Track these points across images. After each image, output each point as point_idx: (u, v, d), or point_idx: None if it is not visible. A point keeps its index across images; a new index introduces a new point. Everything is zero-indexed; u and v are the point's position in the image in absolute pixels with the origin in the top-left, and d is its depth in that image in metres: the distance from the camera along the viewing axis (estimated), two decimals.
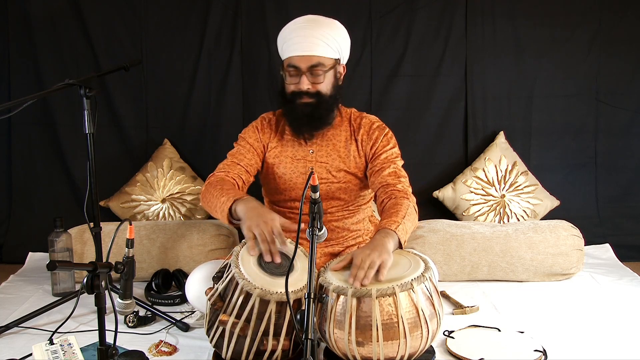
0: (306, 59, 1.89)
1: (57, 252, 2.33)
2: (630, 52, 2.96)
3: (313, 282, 1.39)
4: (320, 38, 1.89)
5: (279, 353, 1.60)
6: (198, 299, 1.87)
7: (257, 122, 2.09)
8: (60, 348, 1.68)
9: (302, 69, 1.89)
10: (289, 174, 2.02)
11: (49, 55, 2.92)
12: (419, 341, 1.55)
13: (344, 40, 1.97)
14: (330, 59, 1.92)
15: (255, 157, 2.02)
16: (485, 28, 2.94)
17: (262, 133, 2.06)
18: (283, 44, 1.95)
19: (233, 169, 1.97)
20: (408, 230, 1.75)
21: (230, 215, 1.75)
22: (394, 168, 1.94)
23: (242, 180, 1.97)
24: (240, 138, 2.06)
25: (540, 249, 2.45)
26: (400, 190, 1.86)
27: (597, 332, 1.95)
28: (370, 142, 2.01)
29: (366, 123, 2.04)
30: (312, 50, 1.88)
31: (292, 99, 1.93)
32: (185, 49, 2.94)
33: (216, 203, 1.79)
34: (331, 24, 1.95)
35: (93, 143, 1.97)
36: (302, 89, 1.90)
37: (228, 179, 1.93)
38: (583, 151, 3.02)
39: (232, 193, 1.78)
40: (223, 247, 2.52)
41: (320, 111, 1.93)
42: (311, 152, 2.02)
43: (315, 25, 1.92)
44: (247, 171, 1.99)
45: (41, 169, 3.00)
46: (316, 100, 1.92)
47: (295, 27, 1.93)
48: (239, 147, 2.04)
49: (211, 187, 1.86)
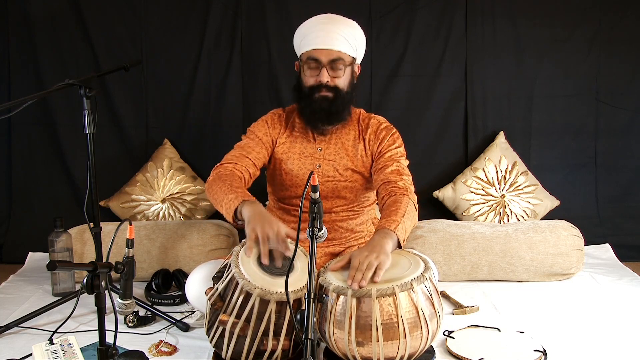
0: (327, 52, 1.91)
1: (57, 252, 2.33)
2: (630, 52, 2.96)
3: (313, 282, 1.39)
4: (341, 34, 1.91)
5: (279, 353, 1.60)
6: (198, 299, 1.87)
7: (267, 117, 2.10)
8: (60, 348, 1.68)
9: (323, 61, 1.91)
10: (296, 170, 2.02)
11: (49, 55, 2.92)
12: (419, 341, 1.55)
13: (362, 40, 2.00)
14: (349, 56, 1.94)
15: (263, 151, 2.03)
16: (485, 28, 2.94)
17: (272, 128, 2.06)
18: (303, 38, 1.96)
19: (241, 161, 1.96)
20: (408, 229, 1.75)
21: (235, 214, 1.74)
22: (397, 166, 1.95)
23: (249, 173, 1.96)
24: (249, 132, 2.07)
25: (540, 249, 2.45)
26: (400, 188, 1.86)
27: (597, 332, 1.95)
28: (377, 142, 2.02)
29: (374, 123, 2.06)
30: (333, 44, 1.90)
31: (310, 92, 1.94)
32: (185, 49, 2.94)
33: (223, 198, 1.77)
34: (351, 24, 1.99)
35: (93, 143, 1.97)
36: (323, 82, 1.91)
37: (236, 172, 1.92)
38: (583, 151, 3.02)
39: (240, 192, 1.77)
40: (223, 247, 2.52)
41: (337, 106, 1.95)
42: (319, 150, 2.03)
43: (336, 22, 1.95)
44: (254, 164, 1.99)
45: (41, 169, 3.00)
46: (334, 94, 1.93)
47: (316, 22, 1.96)
48: (248, 140, 2.04)
49: (220, 181, 1.85)
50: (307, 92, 1.96)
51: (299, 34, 1.99)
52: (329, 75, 1.92)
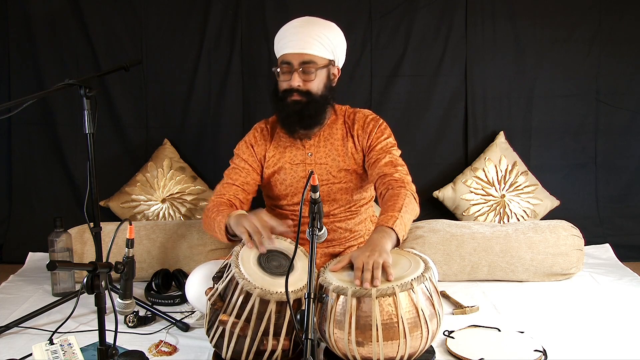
0: (298, 55, 1.89)
1: (57, 252, 2.33)
2: (630, 52, 2.96)
3: (313, 282, 1.39)
4: (314, 37, 1.89)
5: (279, 353, 1.60)
6: (198, 299, 1.88)
7: (250, 137, 2.08)
8: (60, 348, 1.68)
9: (294, 65, 1.89)
10: (290, 180, 2.02)
11: (49, 55, 2.92)
12: (419, 341, 1.55)
13: (339, 42, 1.97)
14: (323, 59, 1.92)
15: (251, 174, 2.04)
16: (485, 28, 2.94)
17: (257, 146, 2.06)
18: (278, 42, 1.96)
19: (229, 191, 2.00)
20: (407, 223, 1.73)
21: (227, 232, 1.81)
22: (390, 158, 1.94)
23: (239, 199, 2.00)
24: (235, 155, 2.07)
25: (540, 249, 2.45)
26: (397, 180, 1.85)
27: (597, 332, 1.95)
28: (365, 135, 2.01)
29: (360, 117, 2.04)
30: (304, 47, 1.89)
31: (284, 96, 1.94)
32: (185, 49, 2.94)
33: (214, 225, 1.86)
34: (327, 25, 1.96)
35: (93, 143, 1.97)
36: (293, 86, 1.90)
37: (224, 201, 1.97)
38: (583, 151, 3.02)
39: (226, 212, 1.85)
40: (223, 247, 2.52)
41: (310, 110, 1.93)
42: (310, 155, 2.02)
43: (310, 25, 1.93)
44: (243, 190, 2.01)
45: (41, 169, 3.00)
46: (306, 98, 1.91)
47: (291, 26, 1.95)
48: (234, 166, 2.05)
49: (209, 212, 1.92)
50: (281, 97, 1.95)
51: (276, 38, 1.99)
52: (300, 79, 1.90)
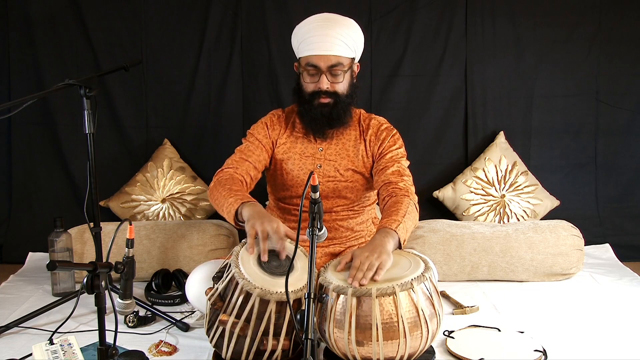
0: (325, 58, 1.90)
1: (57, 252, 2.33)
2: (630, 52, 2.96)
3: (313, 282, 1.39)
4: (339, 37, 1.90)
5: (279, 353, 1.60)
6: (198, 299, 1.88)
7: (267, 119, 2.10)
8: (60, 348, 1.68)
9: (322, 68, 1.90)
10: (297, 171, 2.03)
11: (49, 55, 2.92)
12: (419, 341, 1.55)
13: (360, 39, 1.99)
14: (348, 59, 1.94)
15: (263, 154, 2.03)
16: (485, 28, 2.94)
17: (272, 129, 2.06)
18: (300, 43, 1.95)
19: (241, 165, 1.97)
20: (408, 229, 1.75)
21: (235, 217, 1.76)
22: (398, 167, 1.95)
23: (250, 176, 1.97)
24: (249, 134, 2.07)
25: (540, 249, 2.45)
26: (401, 189, 1.87)
27: (597, 332, 1.95)
28: (377, 143, 2.02)
29: (374, 124, 2.06)
30: (331, 50, 1.89)
31: (310, 99, 1.94)
32: (185, 49, 2.94)
33: (223, 202, 1.80)
34: (349, 23, 1.96)
35: (93, 143, 1.97)
36: (322, 89, 1.91)
37: (237, 176, 1.93)
38: (583, 151, 3.02)
39: (240, 195, 1.79)
40: (223, 247, 2.52)
41: (338, 111, 1.95)
42: (320, 150, 2.03)
43: (333, 25, 1.92)
44: (255, 167, 2.00)
45: (41, 169, 3.00)
46: (334, 100, 1.93)
47: (313, 26, 1.93)
48: (248, 144, 2.04)
49: (220, 186, 1.87)
50: (307, 98, 1.96)
51: (296, 36, 1.98)
52: (328, 81, 1.91)
